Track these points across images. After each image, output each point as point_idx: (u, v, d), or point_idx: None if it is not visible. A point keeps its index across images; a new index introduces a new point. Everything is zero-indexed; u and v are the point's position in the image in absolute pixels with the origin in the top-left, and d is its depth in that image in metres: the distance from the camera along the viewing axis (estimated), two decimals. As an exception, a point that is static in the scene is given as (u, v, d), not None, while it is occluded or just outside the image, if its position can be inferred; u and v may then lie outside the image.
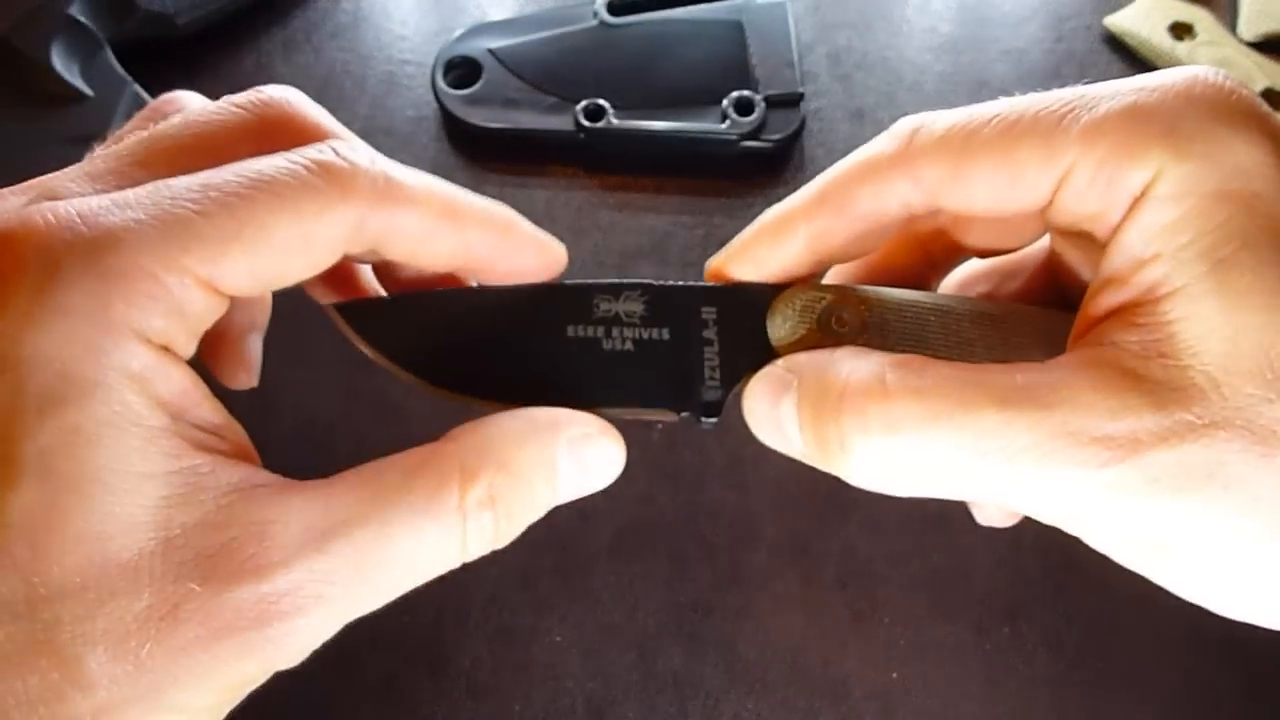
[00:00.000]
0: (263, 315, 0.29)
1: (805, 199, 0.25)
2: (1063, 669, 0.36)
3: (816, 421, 0.22)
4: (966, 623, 0.37)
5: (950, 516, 0.39)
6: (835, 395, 0.22)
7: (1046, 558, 0.38)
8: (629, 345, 0.25)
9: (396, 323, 0.26)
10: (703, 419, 0.25)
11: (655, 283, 0.26)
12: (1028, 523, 0.37)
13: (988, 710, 0.36)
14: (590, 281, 0.26)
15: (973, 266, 0.28)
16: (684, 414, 0.25)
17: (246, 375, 0.29)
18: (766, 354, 0.25)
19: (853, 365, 0.22)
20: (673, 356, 0.25)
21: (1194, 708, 0.36)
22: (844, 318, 0.25)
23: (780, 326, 0.25)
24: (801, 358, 0.24)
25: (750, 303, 0.25)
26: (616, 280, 0.26)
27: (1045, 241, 0.26)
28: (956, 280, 0.28)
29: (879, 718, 0.36)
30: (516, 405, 0.24)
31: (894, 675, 0.36)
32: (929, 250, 0.27)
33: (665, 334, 0.25)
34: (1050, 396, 0.19)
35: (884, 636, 0.37)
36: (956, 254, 0.27)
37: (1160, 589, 0.21)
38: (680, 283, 0.26)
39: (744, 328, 0.25)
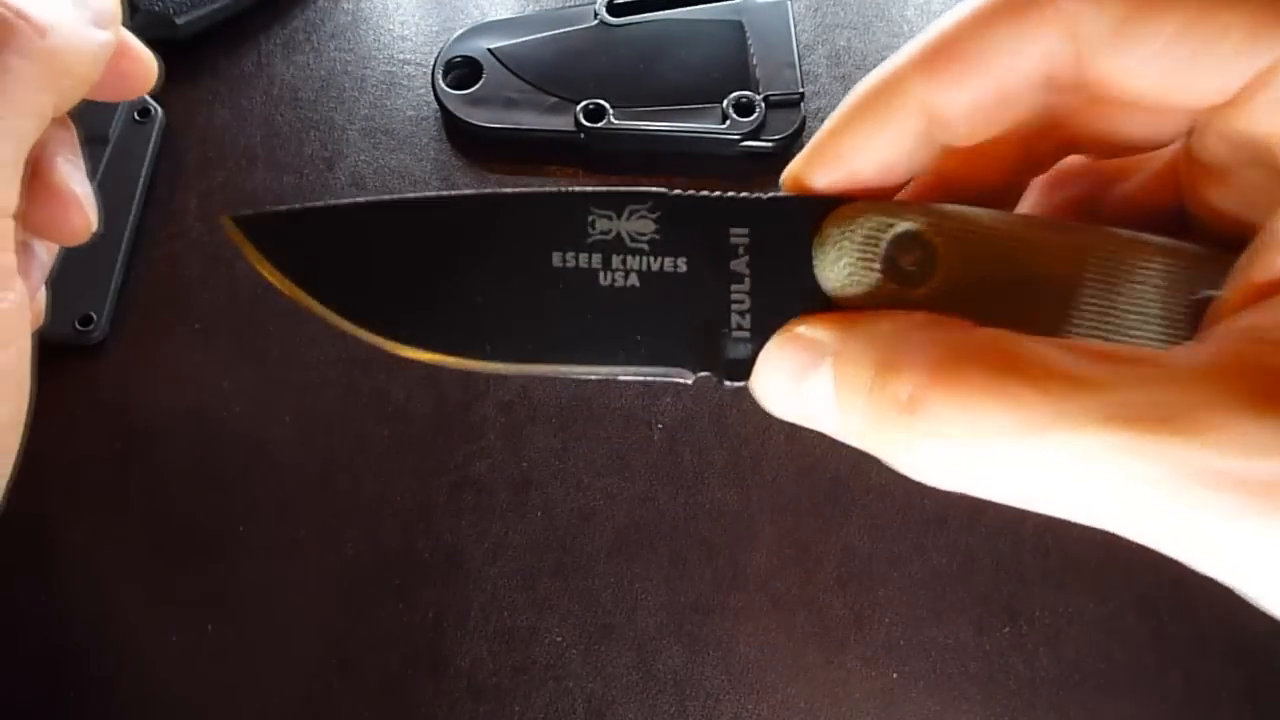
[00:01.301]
0: (70, 143, 0.28)
1: (919, 53, 0.18)
2: (1063, 669, 0.36)
3: (874, 418, 0.17)
4: (966, 623, 0.37)
5: (950, 516, 0.39)
6: (902, 392, 0.17)
7: (1046, 558, 0.38)
8: (634, 280, 0.20)
9: (319, 241, 0.20)
10: (726, 380, 0.20)
11: (670, 192, 0.20)
12: (1027, 522, 0.37)
13: (988, 710, 0.36)
14: (584, 189, 0.20)
15: (1069, 161, 0.22)
16: (702, 373, 0.20)
17: (82, 216, 0.27)
18: (812, 295, 0.20)
19: (920, 349, 0.17)
20: (691, 295, 0.20)
21: (1194, 708, 0.36)
22: (915, 252, 0.19)
23: (832, 260, 0.19)
24: (846, 326, 0.18)
25: (795, 223, 0.20)
26: (618, 188, 0.20)
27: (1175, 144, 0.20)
28: (1045, 176, 0.22)
29: (879, 718, 0.36)
30: (477, 360, 0.20)
31: (894, 675, 0.36)
32: (1032, 148, 0.21)
33: (682, 264, 0.20)
34: (1180, 419, 0.14)
35: (884, 636, 0.37)
36: (1066, 154, 0.21)
37: (1159, 588, 0.21)
38: (703, 193, 0.20)
39: (785, 258, 0.20)
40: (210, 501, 0.39)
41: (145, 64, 0.28)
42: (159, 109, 0.47)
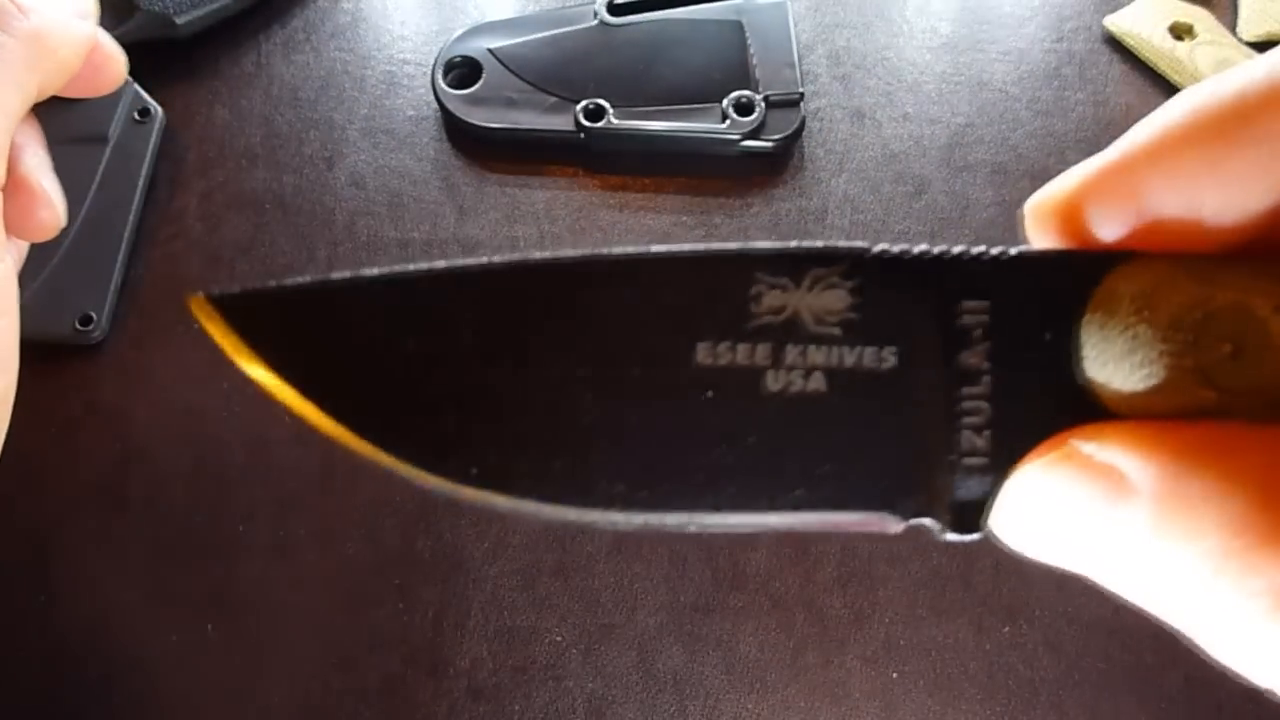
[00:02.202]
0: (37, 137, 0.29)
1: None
2: (1063, 669, 0.36)
3: (1223, 605, 0.12)
4: (966, 622, 0.37)
5: (950, 516, 0.39)
6: None
7: (1046, 558, 0.38)
8: (818, 382, 0.14)
9: (337, 335, 0.14)
10: (953, 532, 0.14)
11: (872, 250, 0.14)
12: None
13: (988, 710, 0.36)
14: (746, 248, 0.14)
15: None
16: (917, 521, 0.14)
17: (50, 211, 0.27)
18: (1083, 402, 0.14)
19: None
20: (902, 403, 0.14)
21: (1194, 709, 0.36)
22: (1242, 337, 0.13)
23: (1118, 350, 0.13)
24: (1167, 449, 0.12)
25: (1058, 292, 0.14)
26: (796, 246, 0.14)
27: None
28: None
29: (879, 717, 0.36)
30: (581, 509, 0.14)
31: (894, 675, 0.36)
32: None
33: (890, 356, 0.14)
34: None
35: (884, 636, 0.37)
36: None
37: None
38: (919, 250, 0.14)
39: (1043, 345, 0.14)
40: (210, 501, 0.39)
41: (116, 59, 0.29)
42: (159, 109, 0.47)
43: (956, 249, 0.14)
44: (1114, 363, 0.13)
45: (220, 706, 0.36)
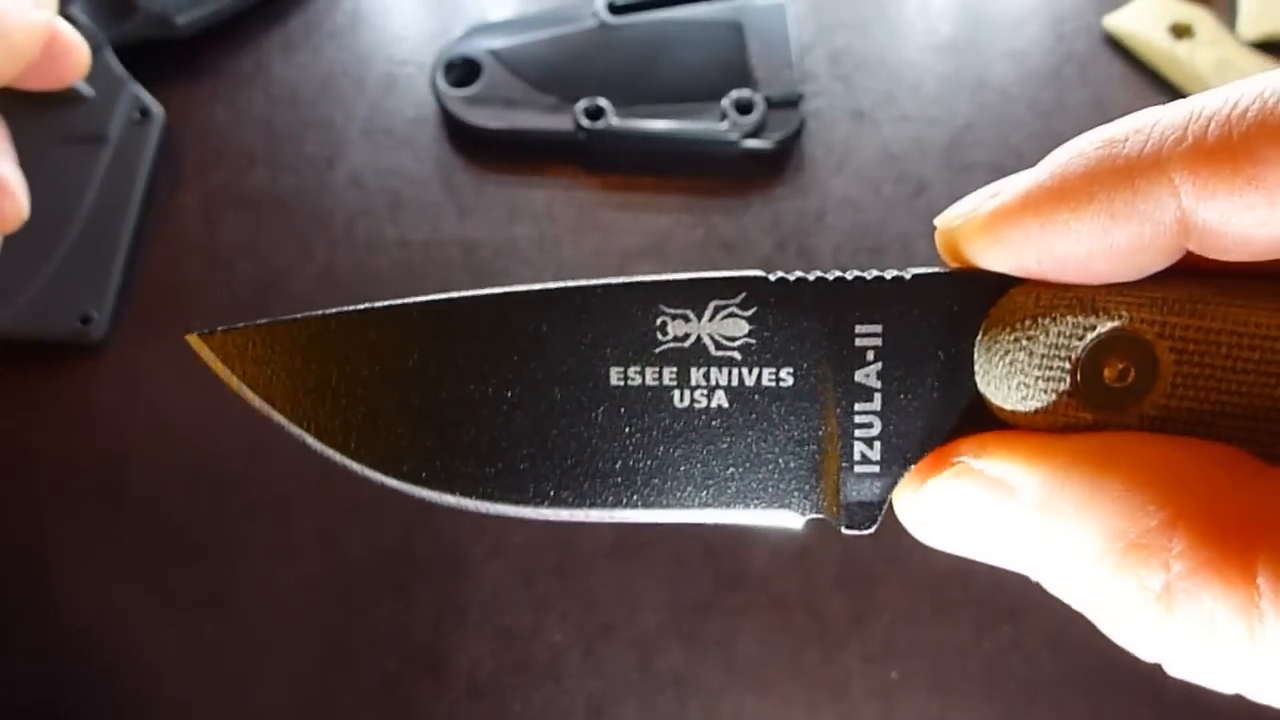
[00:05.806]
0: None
1: (1190, 143, 0.12)
2: (1063, 669, 0.36)
3: (1102, 598, 0.13)
4: (966, 622, 0.37)
5: (950, 516, 0.39)
6: (1154, 580, 0.12)
7: (1046, 558, 0.38)
8: (720, 399, 0.16)
9: (308, 365, 0.16)
10: (846, 528, 0.17)
11: (770, 277, 0.15)
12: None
13: (988, 709, 0.36)
14: (650, 280, 0.16)
15: None
16: (814, 517, 0.17)
17: (12, 201, 0.27)
18: (972, 414, 0.15)
19: (1193, 511, 0.12)
20: (798, 417, 0.16)
21: (1194, 709, 0.36)
22: (1127, 361, 0.13)
23: (1002, 373, 0.14)
24: (1053, 464, 0.13)
25: (950, 317, 0.15)
26: (700, 276, 0.16)
27: None
28: None
29: (879, 717, 0.36)
30: (515, 505, 0.16)
31: (894, 675, 0.36)
32: None
33: (789, 377, 0.15)
34: None
35: (884, 636, 0.37)
36: None
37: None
38: (818, 276, 0.15)
39: (934, 365, 0.15)
40: (210, 501, 0.39)
41: (78, 48, 0.29)
42: (159, 109, 0.47)
43: (854, 274, 0.15)
44: (996, 383, 0.15)
45: (220, 706, 0.36)
